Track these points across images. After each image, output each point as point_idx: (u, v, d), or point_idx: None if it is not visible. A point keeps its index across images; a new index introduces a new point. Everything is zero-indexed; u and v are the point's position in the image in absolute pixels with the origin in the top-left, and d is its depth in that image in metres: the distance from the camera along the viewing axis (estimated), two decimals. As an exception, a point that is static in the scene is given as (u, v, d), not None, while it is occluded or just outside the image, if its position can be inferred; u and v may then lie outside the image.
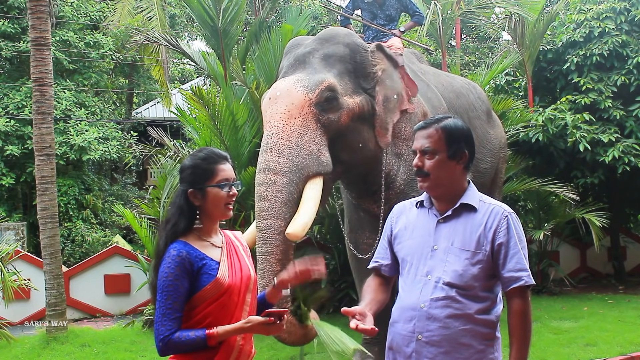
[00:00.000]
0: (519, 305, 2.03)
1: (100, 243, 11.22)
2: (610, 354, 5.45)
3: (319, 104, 4.03)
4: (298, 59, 4.35)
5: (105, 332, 7.04)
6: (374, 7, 5.74)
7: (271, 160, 3.86)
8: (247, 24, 11.41)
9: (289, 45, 4.71)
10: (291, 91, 4.05)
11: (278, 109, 4.01)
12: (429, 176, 2.08)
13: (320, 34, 4.62)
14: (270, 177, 3.82)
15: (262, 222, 3.73)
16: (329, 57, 4.32)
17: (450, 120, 2.14)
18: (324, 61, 4.29)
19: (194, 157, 2.13)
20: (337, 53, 4.35)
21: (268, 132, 3.98)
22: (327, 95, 4.08)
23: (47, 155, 6.83)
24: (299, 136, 3.93)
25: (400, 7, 5.82)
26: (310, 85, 4.06)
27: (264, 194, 3.79)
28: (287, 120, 3.96)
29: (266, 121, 4.07)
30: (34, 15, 6.82)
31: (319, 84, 4.08)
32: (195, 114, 7.35)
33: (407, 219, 2.21)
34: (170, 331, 1.95)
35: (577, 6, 9.54)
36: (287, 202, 3.80)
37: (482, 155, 5.74)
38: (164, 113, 14.29)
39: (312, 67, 4.25)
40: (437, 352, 1.99)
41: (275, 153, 3.88)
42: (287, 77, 4.21)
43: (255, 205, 3.83)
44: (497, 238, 2.03)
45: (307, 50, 4.37)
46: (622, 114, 8.59)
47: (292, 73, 4.26)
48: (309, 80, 4.10)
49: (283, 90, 4.08)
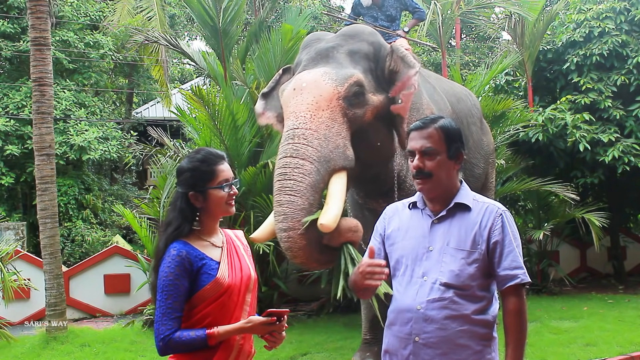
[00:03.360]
0: (514, 303, 2.02)
1: (100, 243, 11.22)
2: (610, 354, 5.45)
3: (346, 98, 4.00)
4: (320, 53, 4.31)
5: (105, 332, 7.04)
6: (373, 10, 5.74)
7: (299, 147, 3.76)
8: (247, 24, 11.41)
9: (308, 39, 4.66)
10: (319, 83, 4.00)
11: (305, 99, 3.95)
12: (431, 177, 2.06)
13: (343, 31, 4.59)
14: (298, 161, 3.72)
15: (284, 197, 3.63)
16: (354, 53, 4.30)
17: (446, 120, 2.13)
18: (349, 57, 4.26)
19: (191, 159, 2.12)
20: (362, 50, 4.34)
21: (293, 121, 3.88)
22: (355, 90, 4.06)
23: (47, 155, 6.82)
24: (327, 128, 3.87)
25: (400, 6, 5.82)
26: (338, 78, 4.03)
27: (290, 174, 3.68)
28: (314, 112, 3.89)
29: (290, 111, 3.98)
30: (34, 15, 6.82)
31: (347, 78, 4.05)
32: (195, 113, 7.35)
33: (401, 220, 2.19)
34: (171, 331, 1.95)
35: (577, 6, 9.55)
36: (313, 187, 3.72)
37: (476, 161, 5.78)
38: (164, 113, 14.28)
39: (337, 61, 4.21)
40: (435, 353, 1.98)
41: (303, 141, 3.78)
42: (313, 69, 4.16)
43: (276, 185, 3.71)
44: (493, 236, 2.03)
45: (330, 45, 4.34)
46: (622, 114, 8.60)
47: (313, 66, 4.21)
48: (337, 74, 4.06)
49: (310, 81, 4.02)
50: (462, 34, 16.06)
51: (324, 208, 3.75)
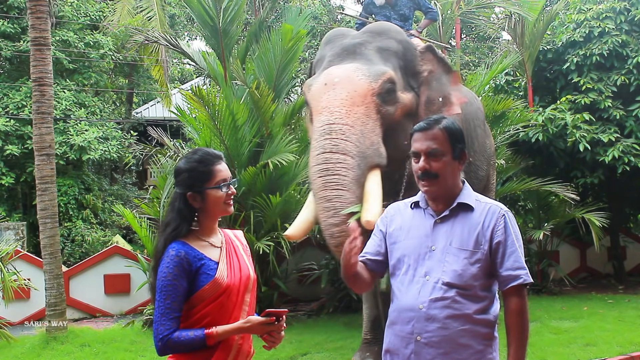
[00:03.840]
0: (516, 303, 2.02)
1: (100, 243, 11.22)
2: (610, 354, 5.45)
3: (380, 95, 3.98)
4: (347, 49, 4.28)
5: (105, 332, 7.03)
6: (386, 9, 5.74)
7: (339, 142, 3.73)
8: (247, 24, 11.41)
9: (332, 35, 4.63)
10: (353, 78, 3.96)
11: (338, 94, 3.91)
12: (437, 178, 2.06)
13: (370, 28, 4.57)
14: (339, 156, 3.69)
15: (332, 192, 3.58)
16: (383, 50, 4.28)
17: (449, 121, 2.13)
18: (379, 54, 4.24)
19: (189, 159, 2.11)
20: (391, 48, 4.33)
21: (328, 116, 3.85)
22: (387, 87, 4.04)
23: (47, 155, 6.82)
24: (363, 125, 3.84)
25: (413, 5, 5.83)
26: (372, 74, 4.00)
27: (333, 169, 3.64)
28: (349, 107, 3.86)
29: (322, 106, 3.95)
30: (34, 15, 6.82)
31: (380, 75, 4.03)
32: (195, 113, 7.35)
33: (403, 219, 2.18)
34: (169, 331, 1.95)
35: (577, 6, 9.55)
36: (357, 181, 3.68)
37: (480, 163, 5.78)
38: (164, 113, 14.28)
39: (367, 58, 4.18)
40: (437, 353, 1.98)
41: (341, 136, 3.75)
42: (343, 65, 4.12)
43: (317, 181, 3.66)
44: (495, 237, 2.03)
45: (357, 42, 4.31)
46: (622, 114, 8.60)
47: (340, 62, 4.18)
48: (370, 70, 4.03)
49: (343, 76, 3.99)
50: (462, 34, 16.06)
51: (365, 205, 3.71)
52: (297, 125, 7.93)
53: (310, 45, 12.84)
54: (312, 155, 3.83)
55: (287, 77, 7.79)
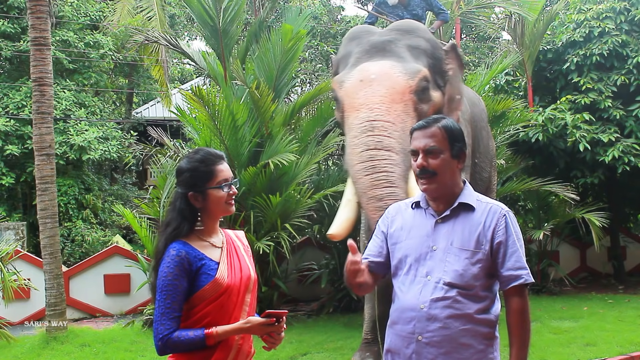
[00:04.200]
0: (518, 303, 2.02)
1: (100, 243, 11.22)
2: (610, 354, 5.45)
3: (416, 92, 3.97)
4: (376, 46, 4.25)
5: (105, 332, 7.04)
6: (399, 9, 5.74)
7: (383, 139, 3.69)
8: (247, 24, 11.41)
9: (357, 31, 4.60)
10: (390, 75, 3.94)
11: (377, 91, 3.88)
12: (435, 176, 2.06)
13: (397, 25, 4.55)
14: (384, 152, 3.66)
15: (384, 190, 3.55)
16: (414, 48, 4.27)
17: (448, 120, 2.13)
18: (410, 52, 4.22)
19: (190, 159, 2.11)
20: (421, 46, 4.32)
21: (367, 113, 3.81)
22: (423, 85, 4.03)
23: (47, 155, 6.82)
24: (402, 122, 3.82)
25: (425, 6, 5.83)
26: (409, 72, 3.99)
27: (380, 166, 3.60)
28: (389, 104, 3.83)
29: (359, 103, 3.91)
30: (34, 15, 6.82)
31: (417, 73, 4.01)
32: (195, 113, 7.35)
33: (404, 219, 2.18)
34: (169, 330, 1.95)
35: (577, 6, 9.55)
36: (404, 178, 3.66)
37: (484, 165, 5.78)
38: (164, 113, 14.28)
39: (399, 55, 4.16)
40: (438, 352, 1.98)
41: (384, 132, 3.72)
42: (378, 62, 4.09)
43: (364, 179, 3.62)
44: (496, 237, 2.03)
45: (387, 39, 4.29)
46: (622, 114, 8.60)
47: (369, 59, 4.15)
48: (406, 67, 4.02)
49: (380, 73, 3.96)
50: (462, 34, 16.06)
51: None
52: (297, 125, 7.94)
53: (310, 45, 12.83)
54: (354, 153, 3.76)
55: (287, 77, 7.79)
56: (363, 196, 3.63)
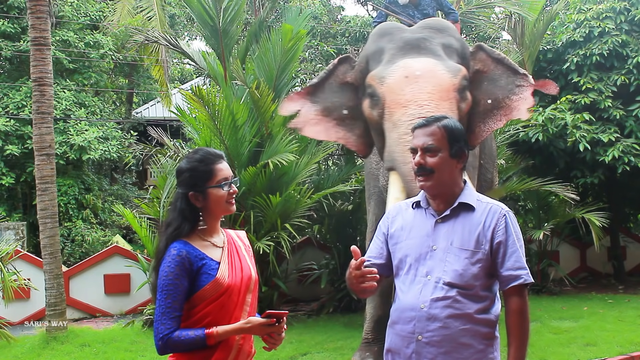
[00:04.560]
0: (517, 303, 2.02)
1: (100, 243, 11.21)
2: (610, 354, 5.45)
3: (459, 91, 3.95)
4: (410, 43, 4.22)
5: (105, 332, 7.04)
6: (409, 8, 5.73)
7: None
8: (247, 24, 11.40)
9: (387, 28, 4.56)
10: (436, 72, 3.92)
11: (424, 88, 3.85)
12: (433, 174, 2.07)
13: (428, 23, 4.52)
14: None
15: None
16: (447, 47, 4.25)
17: (450, 120, 2.14)
18: (444, 50, 4.20)
19: (190, 159, 2.12)
20: (453, 45, 4.31)
21: (417, 109, 3.76)
22: (464, 84, 4.02)
23: (47, 155, 6.82)
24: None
25: (436, 5, 5.83)
26: (451, 70, 3.98)
27: None
28: (437, 101, 3.80)
29: (406, 99, 3.86)
30: (34, 15, 6.82)
31: (458, 71, 4.00)
32: (195, 113, 7.35)
33: (404, 220, 2.19)
34: (170, 330, 1.95)
35: (577, 6, 9.55)
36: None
37: (488, 166, 5.78)
38: (164, 113, 14.28)
39: (435, 53, 4.14)
40: (438, 352, 1.99)
41: None
42: (420, 58, 4.05)
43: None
44: (496, 237, 2.03)
45: (421, 36, 4.27)
46: (622, 114, 8.59)
47: (403, 56, 4.12)
48: (448, 65, 4.00)
49: (425, 70, 3.93)
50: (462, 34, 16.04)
51: None
52: (297, 125, 7.92)
53: (310, 45, 12.82)
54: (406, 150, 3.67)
55: (287, 77, 7.79)
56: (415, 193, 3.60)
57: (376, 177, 5.15)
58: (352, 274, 1.99)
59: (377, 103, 4.13)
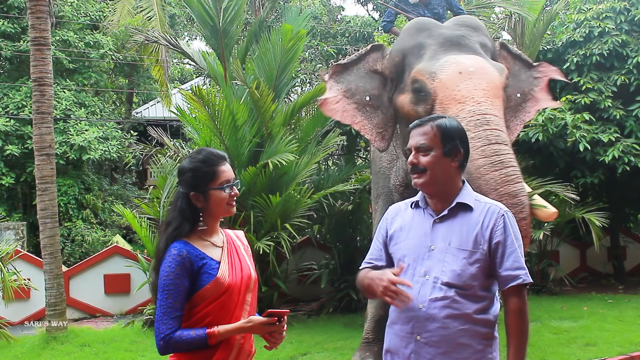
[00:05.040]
0: (516, 303, 2.02)
1: (100, 243, 11.22)
2: (610, 354, 5.45)
3: (504, 89, 3.97)
4: (450, 39, 4.21)
5: (105, 332, 7.04)
6: (420, 7, 5.73)
7: (501, 134, 3.66)
8: (247, 24, 11.41)
9: (424, 23, 4.52)
10: (488, 70, 3.92)
11: (478, 84, 3.83)
12: (426, 172, 2.08)
13: (462, 21, 4.51)
14: (506, 147, 3.62)
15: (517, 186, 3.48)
16: (483, 46, 4.26)
17: (446, 119, 2.15)
18: (482, 49, 4.21)
19: (193, 159, 2.12)
20: (487, 44, 4.32)
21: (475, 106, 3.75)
22: (508, 82, 4.04)
23: (47, 155, 6.83)
24: (501, 118, 3.80)
25: (445, 5, 5.84)
26: (499, 69, 3.99)
27: (508, 162, 3.54)
28: (492, 98, 3.80)
29: (462, 95, 3.83)
30: (34, 15, 6.82)
31: (503, 70, 4.01)
32: (195, 113, 7.35)
33: (403, 220, 2.19)
34: (171, 330, 1.95)
35: (577, 6, 9.54)
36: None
37: None
38: (164, 113, 14.29)
39: (476, 51, 4.14)
40: (436, 352, 1.99)
41: (498, 127, 3.69)
42: (471, 55, 4.05)
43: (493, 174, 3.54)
44: (494, 237, 2.03)
45: (460, 33, 4.26)
46: (622, 114, 8.59)
47: (445, 52, 4.11)
48: (494, 64, 4.01)
49: (478, 67, 3.92)
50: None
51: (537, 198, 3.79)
52: (297, 125, 7.94)
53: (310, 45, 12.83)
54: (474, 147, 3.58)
55: (287, 77, 7.79)
56: (492, 193, 3.46)
57: (387, 177, 5.11)
58: (383, 283, 1.98)
59: (425, 99, 4.07)
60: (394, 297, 1.96)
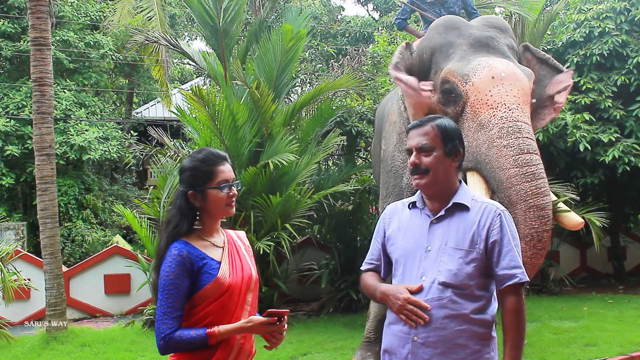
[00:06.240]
0: (513, 302, 2.03)
1: (100, 243, 11.22)
2: (610, 354, 5.45)
3: (532, 95, 3.97)
4: (480, 41, 4.20)
5: (105, 332, 7.04)
6: (436, 6, 5.73)
7: (531, 142, 3.66)
8: (247, 24, 11.41)
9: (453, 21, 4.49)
10: (518, 76, 3.91)
11: (510, 90, 3.82)
12: (428, 173, 2.08)
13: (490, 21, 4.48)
14: (537, 157, 3.62)
15: (544, 200, 3.48)
16: (511, 48, 4.25)
17: (444, 120, 2.15)
18: (510, 52, 4.20)
19: (193, 158, 2.12)
20: (514, 47, 4.31)
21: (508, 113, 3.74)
22: (533, 87, 4.04)
23: (47, 155, 6.83)
24: (531, 125, 3.80)
25: (461, 4, 5.85)
26: (528, 74, 3.99)
27: (537, 173, 3.54)
28: (523, 105, 3.79)
29: (494, 100, 3.82)
30: (34, 15, 6.82)
31: (531, 75, 4.00)
32: (195, 114, 7.35)
33: (400, 220, 2.20)
34: (171, 330, 1.96)
35: (577, 6, 9.54)
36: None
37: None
38: (164, 113, 14.30)
39: (505, 54, 4.12)
40: (433, 353, 1.99)
41: (529, 135, 3.69)
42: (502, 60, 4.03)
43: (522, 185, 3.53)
44: (491, 236, 2.04)
45: (489, 35, 4.25)
46: (622, 114, 8.59)
47: (474, 53, 4.10)
48: (524, 69, 4.00)
49: (509, 72, 3.91)
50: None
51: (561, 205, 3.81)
52: (297, 125, 7.94)
53: (310, 45, 12.83)
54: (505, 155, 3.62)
55: (287, 77, 7.79)
56: (521, 203, 3.49)
57: (400, 176, 5.02)
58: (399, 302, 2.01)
59: (456, 101, 4.05)
60: (410, 316, 1.99)
